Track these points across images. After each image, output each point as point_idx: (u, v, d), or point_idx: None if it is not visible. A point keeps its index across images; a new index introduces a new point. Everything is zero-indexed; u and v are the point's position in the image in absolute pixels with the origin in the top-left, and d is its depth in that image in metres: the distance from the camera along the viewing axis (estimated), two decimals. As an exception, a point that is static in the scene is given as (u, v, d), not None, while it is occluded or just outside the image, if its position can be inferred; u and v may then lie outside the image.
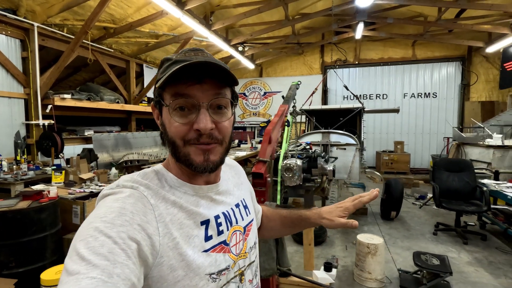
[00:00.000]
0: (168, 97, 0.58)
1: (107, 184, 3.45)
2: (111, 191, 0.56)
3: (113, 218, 0.48)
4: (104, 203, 0.53)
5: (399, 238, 3.76)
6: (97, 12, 4.35)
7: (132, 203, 0.52)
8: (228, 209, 0.67)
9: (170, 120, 0.58)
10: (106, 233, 0.45)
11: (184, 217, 0.57)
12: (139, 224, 0.50)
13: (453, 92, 9.20)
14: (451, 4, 6.04)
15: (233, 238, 0.65)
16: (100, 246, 0.44)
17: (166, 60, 0.62)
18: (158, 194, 0.57)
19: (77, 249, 0.44)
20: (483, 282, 2.72)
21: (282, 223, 0.90)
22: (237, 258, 0.65)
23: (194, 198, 0.61)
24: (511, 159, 5.40)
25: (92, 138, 5.01)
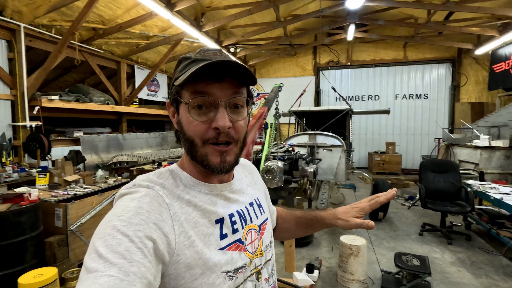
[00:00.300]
0: (187, 95, 0.58)
1: (93, 187, 3.44)
2: (127, 191, 0.57)
3: (130, 217, 0.49)
4: (121, 202, 0.54)
5: (385, 239, 3.79)
6: (84, 13, 4.33)
7: (148, 202, 0.53)
8: (242, 207, 0.68)
9: (188, 118, 0.59)
10: (123, 232, 0.46)
11: (199, 215, 0.58)
12: (155, 223, 0.51)
13: (444, 94, 9.29)
14: (440, 6, 6.11)
15: (248, 237, 0.66)
16: (117, 244, 0.45)
17: (184, 58, 0.63)
18: (173, 193, 0.58)
19: (96, 247, 0.45)
20: (464, 282, 2.75)
21: (297, 224, 0.90)
22: (253, 256, 0.66)
23: (209, 197, 0.62)
24: (498, 159, 5.47)
25: (80, 139, 4.98)
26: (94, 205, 3.10)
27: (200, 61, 0.57)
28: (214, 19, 6.64)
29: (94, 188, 3.37)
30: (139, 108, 7.20)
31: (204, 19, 6.51)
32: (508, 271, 2.94)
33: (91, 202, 3.10)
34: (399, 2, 6.43)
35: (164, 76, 8.52)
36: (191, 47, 7.63)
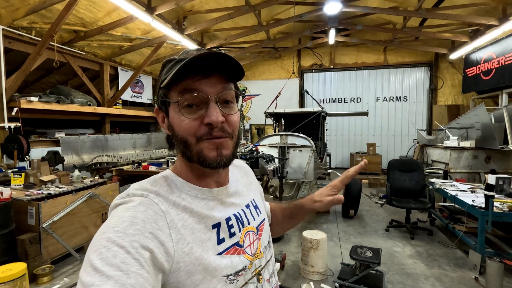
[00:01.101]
0: (175, 94, 0.58)
1: (68, 186, 3.52)
2: (122, 201, 0.56)
3: (125, 228, 0.48)
4: (116, 213, 0.53)
5: (353, 235, 3.98)
6: (62, 16, 4.41)
7: (143, 211, 0.52)
8: (239, 210, 0.67)
9: (179, 118, 0.58)
10: (118, 243, 0.46)
11: (195, 221, 0.58)
12: (150, 232, 0.50)
13: (422, 96, 9.63)
14: (413, 13, 6.38)
15: (247, 239, 0.65)
16: (113, 256, 0.44)
17: (168, 61, 0.62)
18: (169, 200, 0.57)
19: (91, 260, 0.44)
20: (417, 272, 2.95)
21: (283, 216, 0.91)
22: (253, 258, 0.65)
23: (205, 202, 0.61)
24: (466, 159, 5.74)
25: (60, 140, 5.03)
26: (67, 204, 3.19)
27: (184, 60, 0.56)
28: (196, 22, 6.77)
29: (70, 188, 3.45)
30: (122, 109, 7.26)
31: (186, 22, 6.63)
32: (459, 262, 3.16)
33: (65, 201, 3.19)
34: (375, 8, 6.69)
35: (149, 78, 8.59)
36: (174, 49, 7.74)
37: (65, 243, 3.06)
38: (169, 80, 0.56)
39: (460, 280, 2.81)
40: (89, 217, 3.53)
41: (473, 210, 2.97)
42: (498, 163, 5.48)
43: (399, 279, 2.82)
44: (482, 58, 7.10)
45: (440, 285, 2.71)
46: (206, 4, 6.44)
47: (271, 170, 2.54)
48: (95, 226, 3.64)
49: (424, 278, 2.85)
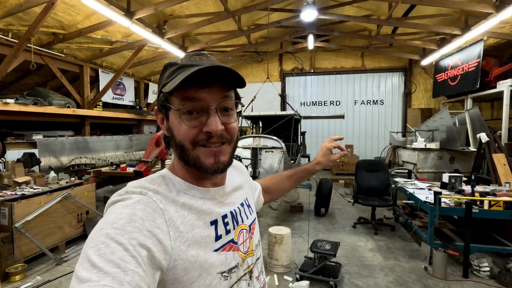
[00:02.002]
0: (177, 101, 0.58)
1: (43, 187, 3.59)
2: (120, 198, 0.56)
3: (124, 225, 0.48)
4: (114, 209, 0.53)
5: (322, 231, 4.21)
6: (40, 20, 4.46)
7: (142, 209, 0.52)
8: (235, 208, 0.69)
9: (179, 124, 0.59)
10: (117, 240, 0.46)
11: (195, 218, 0.58)
12: (149, 230, 0.50)
13: (398, 100, 10.08)
14: (383, 21, 6.73)
15: (240, 237, 0.67)
16: (111, 253, 0.44)
17: (170, 64, 0.62)
18: (167, 197, 0.58)
19: (88, 256, 0.44)
20: (374, 264, 3.20)
21: (293, 181, 1.07)
22: (246, 256, 0.67)
23: (202, 201, 0.62)
24: (432, 160, 6.11)
25: (37, 142, 5.04)
26: (42, 205, 3.26)
27: (187, 67, 0.58)
28: (177, 26, 6.90)
29: (44, 189, 3.52)
30: (102, 111, 7.27)
31: (167, 26, 6.75)
32: (414, 254, 3.43)
33: (39, 202, 3.26)
34: (349, 16, 7.02)
35: (131, 80, 8.63)
36: (156, 52, 7.83)
37: (39, 243, 3.13)
38: (173, 88, 0.56)
39: (412, 269, 3.07)
40: (64, 217, 3.60)
41: (424, 205, 3.24)
42: (461, 163, 5.87)
43: (357, 270, 3.06)
44: (449, 65, 7.56)
45: (392, 274, 2.96)
46: (187, 9, 6.59)
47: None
48: (70, 226, 3.72)
49: (380, 268, 3.09)
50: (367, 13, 7.64)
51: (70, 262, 3.29)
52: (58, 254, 3.37)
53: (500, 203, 2.92)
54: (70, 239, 3.73)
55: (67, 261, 3.31)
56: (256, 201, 0.93)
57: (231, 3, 6.47)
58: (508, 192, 3.07)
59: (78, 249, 3.62)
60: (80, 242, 3.84)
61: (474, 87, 6.49)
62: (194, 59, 0.62)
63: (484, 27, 5.51)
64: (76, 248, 3.66)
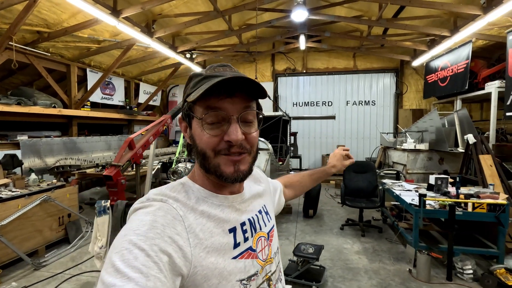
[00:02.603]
0: (200, 110, 0.61)
1: (23, 190, 3.49)
2: (141, 205, 0.58)
3: (146, 231, 0.50)
4: (136, 217, 0.54)
5: (309, 233, 4.17)
6: (21, 18, 4.35)
7: (162, 216, 0.54)
8: (253, 215, 0.70)
9: (201, 132, 0.61)
10: (139, 246, 0.47)
11: (213, 226, 0.60)
12: (170, 236, 0.51)
13: (389, 101, 10.11)
14: (374, 22, 6.74)
15: (259, 244, 0.67)
16: (134, 258, 0.46)
17: (195, 75, 0.65)
18: (187, 205, 0.59)
19: (113, 261, 0.46)
20: (359, 267, 3.17)
21: (311, 180, 1.17)
22: (264, 264, 0.67)
23: (220, 208, 0.63)
24: (422, 161, 6.13)
25: (20, 143, 4.93)
26: (19, 208, 3.17)
27: (211, 78, 0.60)
28: (166, 26, 6.81)
29: (24, 192, 3.43)
30: (90, 111, 7.15)
31: (156, 25, 6.67)
32: (399, 256, 3.42)
33: (16, 205, 3.17)
34: (340, 17, 7.01)
35: (121, 80, 8.52)
36: (146, 51, 7.73)
37: (15, 248, 3.04)
38: (196, 97, 0.58)
39: (396, 272, 3.05)
40: (43, 220, 3.51)
41: (410, 207, 3.23)
42: (450, 164, 5.89)
43: (341, 273, 3.03)
44: (439, 66, 7.59)
45: (377, 277, 2.94)
46: (176, 8, 6.50)
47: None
48: (51, 230, 3.63)
49: (364, 272, 3.07)
50: (358, 13, 7.63)
51: (49, 267, 3.20)
52: (37, 259, 3.28)
53: (484, 205, 2.92)
54: (50, 243, 3.64)
55: (46, 265, 3.22)
56: (276, 203, 0.96)
57: (221, 2, 6.40)
58: (492, 194, 3.06)
59: (58, 253, 3.53)
60: (62, 245, 3.75)
61: (463, 88, 6.52)
62: (218, 70, 0.64)
63: (472, 29, 5.53)
64: (57, 252, 3.56)
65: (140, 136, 2.79)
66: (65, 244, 3.79)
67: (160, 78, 9.92)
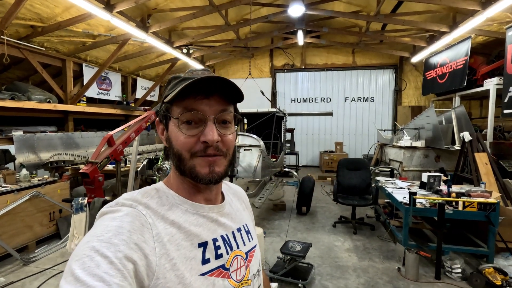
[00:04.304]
0: (177, 111, 0.60)
1: (13, 185, 3.49)
2: (109, 209, 0.55)
3: (110, 237, 0.48)
4: (102, 222, 0.52)
5: (301, 231, 4.16)
6: (12, 12, 4.31)
7: (130, 222, 0.52)
8: (229, 232, 0.66)
9: (177, 133, 0.60)
10: (102, 253, 0.45)
11: (182, 238, 0.57)
12: (136, 243, 0.49)
13: (388, 97, 10.03)
14: (372, 18, 6.64)
15: (234, 263, 0.64)
16: (96, 266, 0.43)
17: (174, 78, 0.65)
18: (157, 213, 0.57)
19: (73, 270, 0.43)
20: (348, 265, 3.16)
21: None
22: (239, 285, 0.63)
23: (195, 217, 0.61)
24: (418, 158, 6.08)
25: (14, 138, 4.91)
26: (8, 203, 3.17)
27: (189, 79, 0.59)
28: (162, 20, 6.75)
29: (14, 187, 3.42)
30: (86, 107, 7.13)
31: (152, 20, 6.60)
32: (389, 254, 3.40)
33: (5, 201, 3.17)
34: (337, 12, 6.92)
35: (118, 75, 8.47)
36: (142, 46, 7.67)
37: (4, 243, 3.05)
38: (172, 97, 0.59)
39: (385, 270, 3.03)
40: (33, 216, 3.51)
41: (400, 205, 3.20)
42: (447, 162, 5.84)
43: (329, 271, 3.01)
44: (438, 63, 7.50)
45: (365, 276, 2.92)
46: (172, 2, 6.43)
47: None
48: (41, 225, 3.63)
49: (353, 270, 3.05)
50: (357, 9, 7.52)
51: (38, 262, 3.21)
52: (26, 254, 3.29)
53: (474, 204, 2.89)
54: (41, 238, 3.65)
55: (35, 261, 3.22)
56: None
57: (217, -4, 6.33)
58: (483, 193, 3.03)
59: (49, 248, 3.53)
60: (52, 241, 3.75)
61: (462, 85, 6.44)
62: (196, 73, 0.64)
63: (471, 24, 5.44)
64: (47, 247, 3.57)
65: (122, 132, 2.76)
66: (56, 239, 3.79)
67: (157, 73, 9.86)
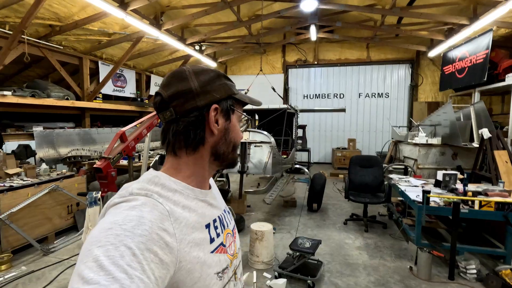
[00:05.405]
0: (240, 109, 0.73)
1: (33, 179, 3.64)
2: (124, 199, 0.55)
3: (133, 227, 0.48)
4: (119, 210, 0.52)
5: (311, 228, 4.15)
6: (32, 12, 4.46)
7: (149, 211, 0.52)
8: (220, 213, 0.72)
9: (237, 127, 0.72)
10: (126, 243, 0.45)
11: (195, 220, 0.61)
12: (157, 233, 0.50)
13: (404, 93, 9.77)
14: (387, 11, 6.46)
15: (227, 240, 0.70)
16: (120, 257, 0.44)
17: (226, 77, 0.72)
18: (170, 199, 0.59)
19: (96, 256, 0.43)
20: (358, 262, 3.13)
21: None
22: (232, 258, 0.71)
23: (195, 202, 0.64)
24: (434, 156, 5.91)
25: (34, 134, 5.12)
26: (29, 196, 3.32)
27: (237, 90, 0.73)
28: (174, 17, 6.82)
29: (34, 181, 3.58)
30: (102, 103, 7.33)
31: (164, 17, 6.68)
32: (401, 253, 3.34)
33: (26, 194, 3.32)
34: (351, 6, 6.76)
35: (132, 72, 8.64)
36: (155, 44, 7.78)
37: (25, 234, 3.20)
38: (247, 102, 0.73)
39: (396, 269, 2.99)
40: (53, 209, 3.66)
41: (413, 204, 3.13)
42: (464, 160, 5.66)
43: (339, 269, 3.00)
44: (457, 57, 7.23)
45: (375, 274, 2.89)
46: (184, 0, 6.48)
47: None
48: (60, 217, 3.78)
49: (363, 268, 3.02)
50: (371, 2, 7.33)
51: (57, 253, 3.35)
52: (46, 245, 3.44)
53: (492, 203, 2.79)
54: (60, 230, 3.81)
55: (54, 251, 3.37)
56: None
57: (228, -7, 6.32)
58: (501, 192, 2.92)
59: (67, 240, 3.68)
60: (70, 233, 3.91)
61: (482, 80, 6.19)
62: None
63: (493, 16, 5.20)
64: (66, 239, 3.72)
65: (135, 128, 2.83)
66: (73, 231, 3.95)
67: (171, 70, 9.99)
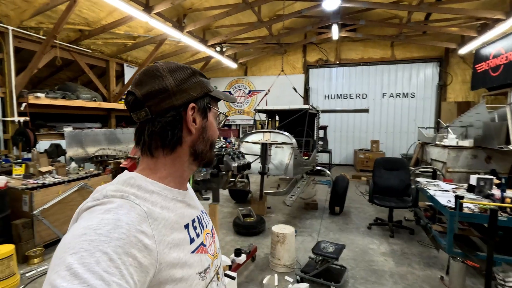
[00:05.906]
0: (216, 107, 0.72)
1: (64, 177, 3.81)
2: (98, 202, 0.52)
3: (109, 231, 0.46)
4: (94, 214, 0.50)
5: (333, 231, 4.04)
6: (63, 18, 4.69)
7: (126, 214, 0.50)
8: (198, 214, 0.71)
9: (214, 125, 0.71)
10: (101, 249, 0.43)
11: (174, 221, 0.59)
12: (135, 235, 0.49)
13: (431, 93, 9.33)
14: (414, 7, 6.20)
15: (207, 240, 0.70)
16: (95, 263, 0.42)
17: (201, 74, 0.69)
18: (147, 200, 0.57)
19: (69, 264, 0.41)
20: (384, 269, 3.00)
21: None
22: (213, 258, 0.70)
23: (173, 203, 0.63)
24: (465, 159, 5.58)
25: (64, 134, 5.37)
26: (59, 193, 3.47)
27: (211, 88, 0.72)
28: (196, 19, 6.92)
29: (65, 179, 3.74)
30: (127, 104, 7.57)
31: (187, 20, 6.80)
32: (431, 261, 3.17)
33: (57, 191, 3.47)
34: (376, 3, 6.55)
35: (155, 74, 8.85)
36: (177, 46, 7.95)
37: (56, 229, 3.35)
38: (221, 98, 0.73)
39: (425, 278, 2.83)
40: (81, 205, 3.80)
41: (444, 210, 2.96)
42: (499, 163, 5.30)
43: (364, 275, 2.89)
44: (491, 54, 6.80)
45: (403, 282, 2.76)
46: (206, 1, 6.56)
47: (236, 167, 2.67)
48: (87, 214, 3.92)
49: (389, 275, 2.89)
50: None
51: (85, 248, 3.48)
52: (75, 240, 3.58)
53: (534, 211, 2.58)
54: (87, 227, 3.95)
55: (82, 247, 3.50)
56: None
57: (250, -6, 6.32)
58: (545, 199, 2.69)
59: (94, 236, 3.82)
60: (97, 229, 4.05)
61: (519, 78, 5.78)
62: None
63: (533, 10, 4.84)
64: (93, 235, 3.86)
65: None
66: (100, 228, 4.08)
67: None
